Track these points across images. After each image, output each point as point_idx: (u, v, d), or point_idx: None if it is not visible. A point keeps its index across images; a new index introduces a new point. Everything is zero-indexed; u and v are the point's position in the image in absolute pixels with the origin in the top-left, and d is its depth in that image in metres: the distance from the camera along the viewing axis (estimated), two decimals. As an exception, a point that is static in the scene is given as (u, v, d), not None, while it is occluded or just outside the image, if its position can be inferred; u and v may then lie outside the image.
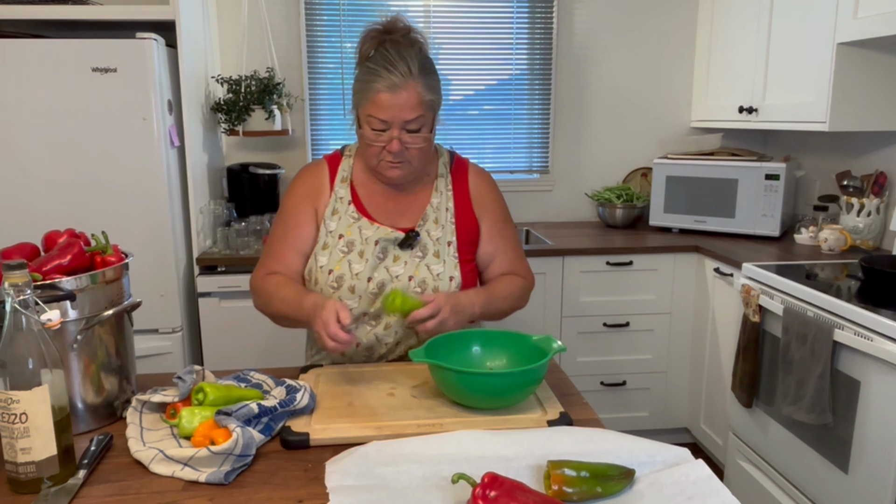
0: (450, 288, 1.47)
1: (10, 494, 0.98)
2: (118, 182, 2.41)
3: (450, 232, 1.51)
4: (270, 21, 3.05)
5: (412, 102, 1.35)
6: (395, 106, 1.35)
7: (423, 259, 1.48)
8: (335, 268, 1.47)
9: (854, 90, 2.40)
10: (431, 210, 1.52)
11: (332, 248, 1.48)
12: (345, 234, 1.48)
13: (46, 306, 1.02)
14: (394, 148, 1.38)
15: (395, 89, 1.34)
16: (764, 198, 2.82)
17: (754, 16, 2.81)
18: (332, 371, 1.40)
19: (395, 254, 1.48)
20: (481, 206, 1.57)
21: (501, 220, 1.59)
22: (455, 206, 1.54)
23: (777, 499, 2.22)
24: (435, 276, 1.47)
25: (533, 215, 3.42)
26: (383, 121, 1.36)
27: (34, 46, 2.29)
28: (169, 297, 2.51)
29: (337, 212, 1.50)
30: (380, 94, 1.34)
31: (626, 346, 2.91)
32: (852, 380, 1.85)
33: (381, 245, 1.47)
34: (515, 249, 1.60)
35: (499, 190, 1.62)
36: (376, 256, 1.47)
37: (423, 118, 1.38)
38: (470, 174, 1.59)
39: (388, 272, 1.47)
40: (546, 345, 1.26)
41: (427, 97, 1.37)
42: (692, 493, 0.94)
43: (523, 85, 3.31)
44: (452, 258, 1.50)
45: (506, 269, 1.58)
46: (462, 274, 1.50)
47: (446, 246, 1.50)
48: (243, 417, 1.09)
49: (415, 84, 1.35)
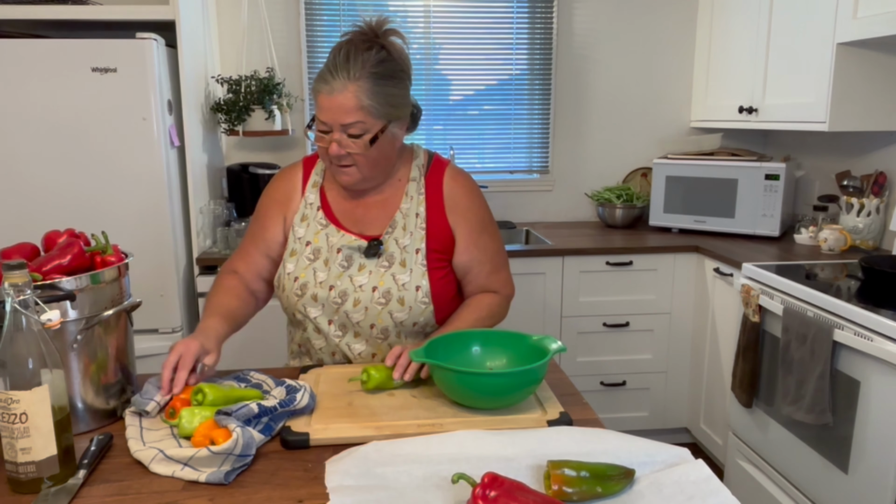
0: (416, 298, 1.42)
1: (10, 494, 0.98)
2: (118, 182, 2.41)
3: (419, 239, 1.45)
4: (270, 21, 3.05)
5: (348, 106, 1.32)
6: (331, 108, 1.33)
7: (388, 269, 1.43)
8: (300, 275, 1.44)
9: (854, 90, 2.40)
10: (400, 216, 1.46)
11: (300, 255, 1.46)
12: (312, 241, 1.46)
13: (46, 306, 1.02)
14: (332, 151, 1.36)
15: (331, 92, 1.32)
16: (764, 198, 2.82)
17: (754, 16, 2.82)
18: (332, 371, 1.40)
19: (361, 262, 1.44)
20: (455, 213, 1.48)
21: (478, 228, 1.50)
22: (427, 212, 1.47)
23: (777, 499, 2.22)
24: (400, 286, 1.42)
25: (533, 215, 3.42)
26: (323, 122, 1.35)
27: (34, 46, 2.29)
28: (169, 297, 2.51)
29: (306, 218, 1.48)
30: (320, 96, 1.34)
31: (626, 346, 2.91)
32: (852, 380, 1.85)
33: (345, 253, 1.44)
34: (493, 260, 1.52)
35: (478, 194, 1.53)
36: (339, 265, 1.43)
37: (362, 124, 1.33)
38: (445, 178, 1.50)
39: (351, 281, 1.42)
40: (546, 345, 1.26)
41: (366, 102, 1.32)
42: (692, 493, 0.94)
43: (523, 85, 3.31)
44: (420, 266, 1.43)
45: (480, 283, 1.52)
46: (431, 282, 1.44)
47: (414, 254, 1.44)
48: (243, 417, 1.09)
49: (355, 88, 1.31)
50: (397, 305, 1.42)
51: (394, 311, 1.42)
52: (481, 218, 1.51)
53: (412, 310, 1.43)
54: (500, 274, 1.55)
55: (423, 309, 1.44)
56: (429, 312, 1.45)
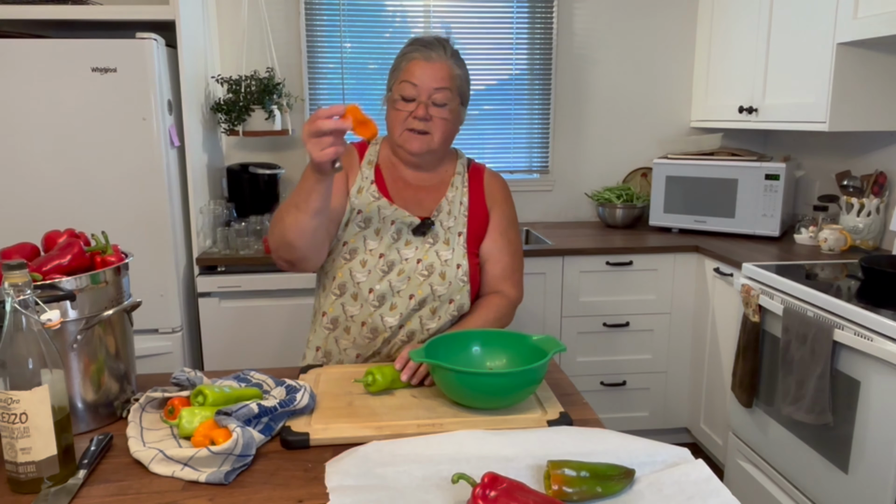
0: (456, 275, 1.52)
1: (10, 494, 0.98)
2: (118, 182, 2.41)
3: (462, 224, 1.57)
4: (270, 21, 3.04)
5: (443, 73, 1.47)
6: (426, 73, 1.45)
7: (433, 245, 1.54)
8: (350, 240, 1.52)
9: (854, 90, 2.40)
10: (446, 202, 1.58)
11: (352, 223, 1.54)
12: (364, 211, 1.54)
13: (46, 306, 1.02)
14: (419, 112, 1.46)
15: (429, 59, 1.46)
16: (764, 198, 2.82)
17: (754, 16, 2.81)
18: (332, 371, 1.40)
19: (408, 238, 1.53)
20: (493, 204, 1.63)
21: (507, 221, 1.64)
22: (469, 202, 1.61)
23: (777, 499, 2.22)
24: (443, 261, 1.53)
25: (533, 215, 3.42)
26: (414, 85, 1.45)
27: (34, 46, 2.29)
28: (169, 297, 2.51)
29: (361, 190, 1.56)
30: (415, 62, 1.46)
31: (626, 346, 2.91)
32: (852, 380, 1.85)
33: (397, 226, 1.53)
34: (513, 256, 1.63)
35: (511, 196, 1.68)
36: (391, 236, 1.52)
37: (449, 94, 1.47)
38: (486, 175, 1.66)
39: (398, 253, 1.52)
40: (546, 345, 1.26)
41: (457, 72, 1.49)
42: (692, 493, 0.94)
43: (523, 85, 3.31)
44: (462, 248, 1.55)
45: (497, 272, 1.61)
46: (469, 265, 1.55)
47: (457, 236, 1.56)
48: (243, 417, 1.09)
49: (447, 61, 1.48)
50: (438, 279, 1.52)
51: (434, 283, 1.52)
52: (511, 215, 1.67)
53: (451, 285, 1.52)
54: (516, 274, 1.65)
55: (461, 286, 1.53)
56: (465, 291, 1.54)
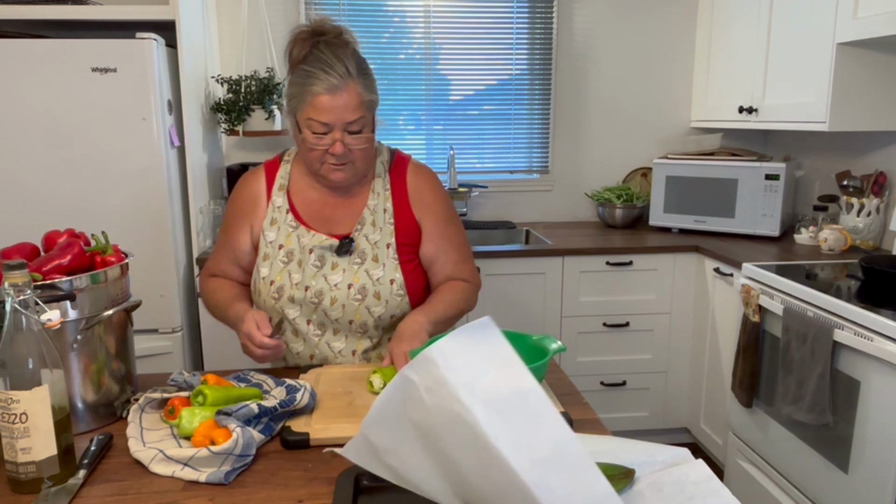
0: (391, 291, 1.45)
1: (10, 494, 0.98)
2: (118, 182, 2.41)
3: (388, 234, 1.48)
4: (270, 21, 3.04)
5: (353, 103, 1.33)
6: (335, 108, 1.32)
7: (361, 265, 1.45)
8: (276, 279, 1.45)
9: (854, 90, 2.40)
10: (368, 213, 1.48)
11: (273, 259, 1.47)
12: (284, 244, 1.47)
13: (46, 306, 1.02)
14: (337, 150, 1.36)
15: (334, 91, 1.32)
16: (764, 198, 2.82)
17: (754, 16, 2.81)
18: (332, 371, 1.40)
19: (333, 261, 1.45)
20: (421, 206, 1.51)
21: (443, 220, 1.53)
22: (393, 207, 1.50)
23: (777, 499, 2.22)
24: (375, 280, 1.45)
25: (533, 215, 3.42)
26: (325, 123, 1.34)
27: (34, 46, 2.29)
28: (169, 297, 2.51)
29: (275, 221, 1.48)
30: (319, 97, 1.32)
31: (626, 346, 2.91)
32: (852, 380, 1.85)
33: (317, 253, 1.45)
34: (459, 251, 1.55)
35: (441, 188, 1.57)
36: (313, 265, 1.45)
37: (363, 119, 1.36)
38: (408, 173, 1.53)
39: (326, 280, 1.44)
40: (546, 345, 1.26)
41: (367, 97, 1.35)
42: (692, 494, 0.94)
43: (523, 85, 3.31)
44: (392, 260, 1.47)
45: (448, 272, 1.54)
46: (404, 274, 1.47)
47: (385, 249, 1.47)
48: (243, 417, 1.09)
49: (354, 84, 1.33)
50: (374, 300, 1.45)
51: (371, 305, 1.45)
52: (446, 210, 1.55)
53: (388, 303, 1.46)
54: (467, 264, 1.58)
55: (398, 301, 1.47)
56: (405, 304, 1.48)
